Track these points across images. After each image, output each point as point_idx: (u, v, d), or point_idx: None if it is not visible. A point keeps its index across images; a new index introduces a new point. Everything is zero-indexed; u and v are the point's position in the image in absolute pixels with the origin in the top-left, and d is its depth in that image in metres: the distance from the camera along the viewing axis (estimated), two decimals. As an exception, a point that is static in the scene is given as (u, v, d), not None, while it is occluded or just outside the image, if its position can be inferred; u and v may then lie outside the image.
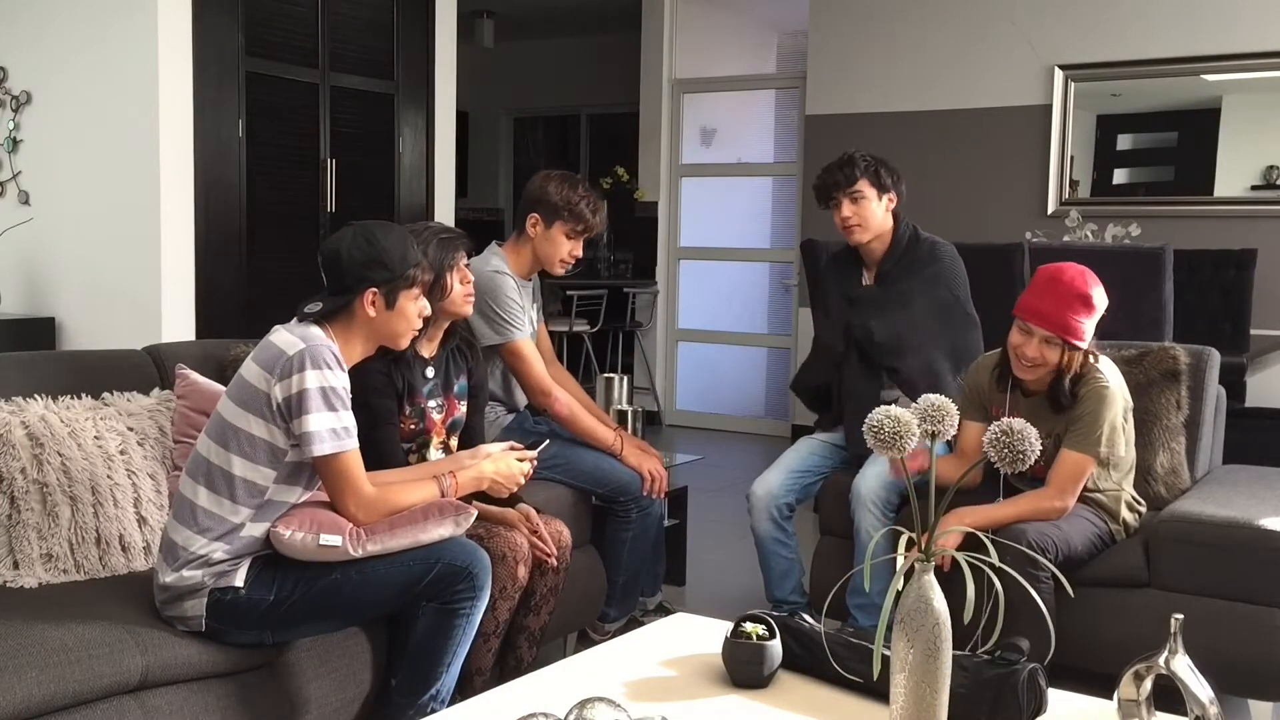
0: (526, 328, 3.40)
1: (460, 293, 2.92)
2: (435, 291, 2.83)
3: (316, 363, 2.33)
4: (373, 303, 2.45)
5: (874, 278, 3.57)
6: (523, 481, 2.73)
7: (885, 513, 3.30)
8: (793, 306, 7.67)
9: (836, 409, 3.62)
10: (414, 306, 2.51)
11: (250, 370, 2.40)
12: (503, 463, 2.69)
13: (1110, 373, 3.08)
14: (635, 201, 8.18)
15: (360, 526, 2.40)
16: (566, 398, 3.41)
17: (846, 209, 3.46)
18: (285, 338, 2.39)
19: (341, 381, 2.38)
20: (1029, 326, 3.00)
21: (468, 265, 2.96)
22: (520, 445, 2.80)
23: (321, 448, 2.33)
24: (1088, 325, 2.99)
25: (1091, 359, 3.07)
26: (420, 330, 2.81)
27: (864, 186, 3.45)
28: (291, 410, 2.33)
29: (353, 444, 2.39)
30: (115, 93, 4.78)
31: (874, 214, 3.48)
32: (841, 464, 3.58)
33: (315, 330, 2.41)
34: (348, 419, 2.38)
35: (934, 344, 3.46)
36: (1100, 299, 3.00)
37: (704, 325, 8.22)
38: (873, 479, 3.32)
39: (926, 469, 2.75)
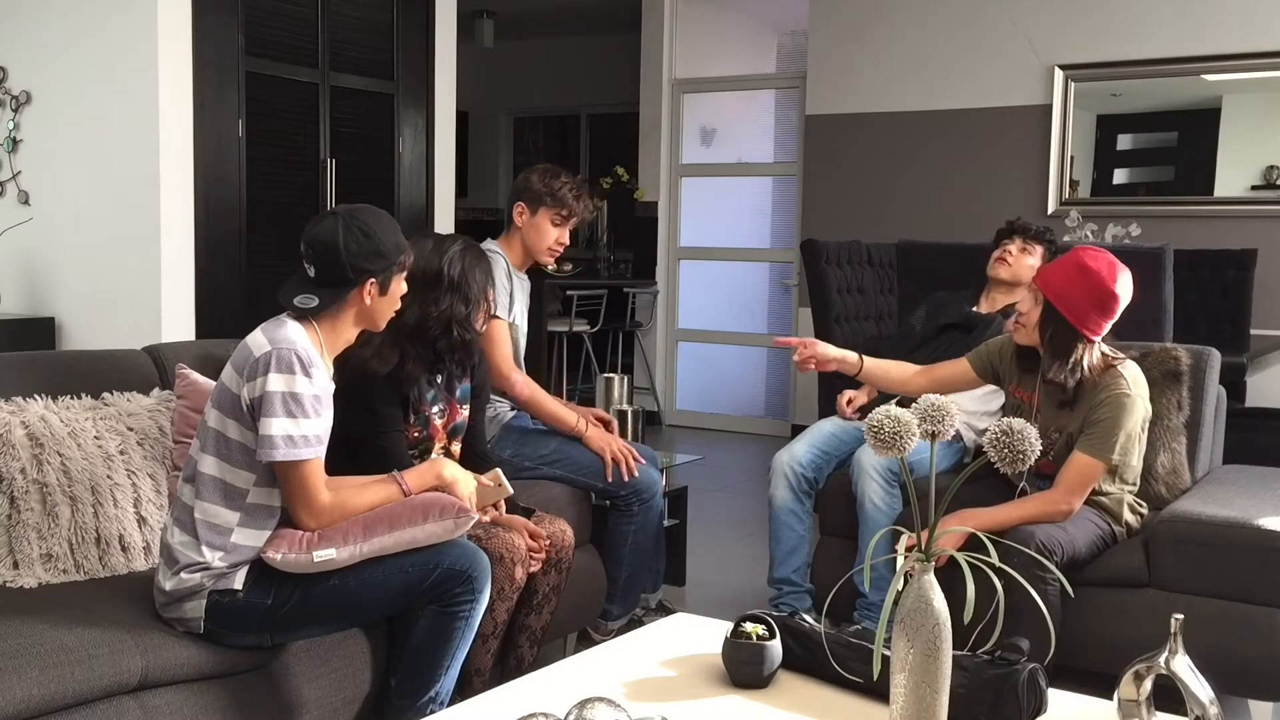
0: (505, 313, 3.40)
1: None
2: (481, 311, 2.88)
3: (281, 366, 2.31)
4: (370, 292, 2.44)
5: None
6: (475, 500, 2.59)
7: (889, 482, 3.32)
8: (793, 306, 7.67)
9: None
10: (399, 288, 2.51)
11: (226, 373, 2.41)
12: (464, 475, 2.60)
13: (1135, 381, 3.03)
14: (635, 201, 8.18)
15: (311, 532, 2.38)
16: (526, 380, 3.39)
17: (1014, 249, 3.79)
18: (257, 339, 2.38)
19: (308, 388, 2.33)
20: (1036, 291, 3.03)
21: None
22: (501, 478, 2.74)
23: (273, 454, 2.31)
24: (1083, 302, 2.96)
25: (1117, 364, 3.05)
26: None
27: (1039, 250, 3.77)
28: (255, 412, 2.33)
29: (310, 453, 2.34)
30: (115, 92, 4.78)
31: (1026, 269, 3.73)
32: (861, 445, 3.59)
33: (288, 331, 2.37)
34: (310, 427, 2.33)
35: None
36: (1098, 275, 2.96)
37: (704, 325, 8.22)
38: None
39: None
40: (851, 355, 3.31)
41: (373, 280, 2.43)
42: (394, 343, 2.77)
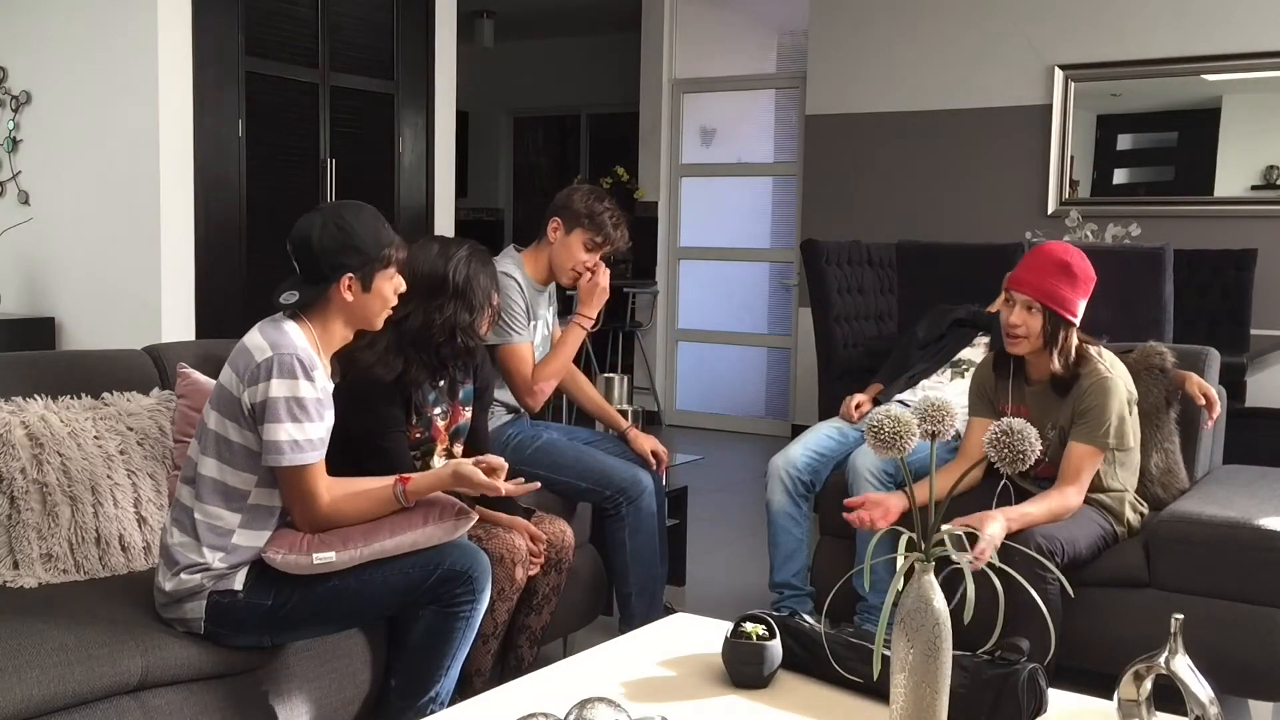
0: (527, 332, 3.38)
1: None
2: (486, 318, 2.86)
3: (283, 372, 2.30)
4: (349, 288, 2.40)
5: None
6: (488, 485, 2.52)
7: (884, 485, 3.32)
8: (793, 306, 7.67)
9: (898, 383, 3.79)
10: (389, 286, 2.46)
11: (225, 375, 2.40)
12: (470, 470, 2.53)
13: (1111, 363, 3.09)
14: (635, 201, 8.18)
15: (308, 535, 2.38)
16: (544, 389, 3.36)
17: None
18: (256, 341, 2.37)
19: (311, 392, 2.33)
20: (1012, 295, 3.05)
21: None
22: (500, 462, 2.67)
23: (278, 459, 2.31)
24: (1073, 296, 3.01)
25: (1094, 351, 3.09)
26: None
27: None
28: (257, 416, 2.33)
29: (313, 457, 2.34)
30: (115, 93, 4.78)
31: None
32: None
33: (287, 332, 2.37)
34: (313, 430, 2.33)
35: None
36: (1083, 269, 3.02)
37: (704, 325, 8.22)
38: (869, 453, 3.33)
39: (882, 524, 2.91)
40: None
41: (350, 275, 2.39)
42: (398, 349, 2.76)
